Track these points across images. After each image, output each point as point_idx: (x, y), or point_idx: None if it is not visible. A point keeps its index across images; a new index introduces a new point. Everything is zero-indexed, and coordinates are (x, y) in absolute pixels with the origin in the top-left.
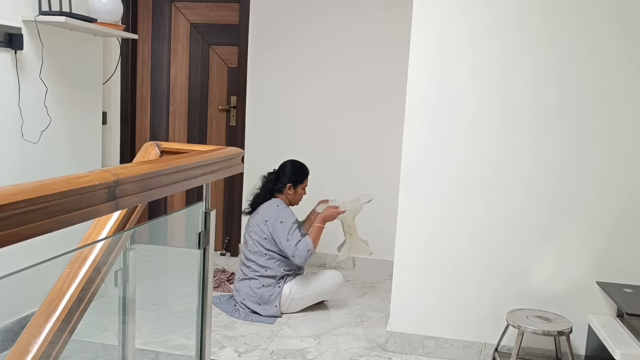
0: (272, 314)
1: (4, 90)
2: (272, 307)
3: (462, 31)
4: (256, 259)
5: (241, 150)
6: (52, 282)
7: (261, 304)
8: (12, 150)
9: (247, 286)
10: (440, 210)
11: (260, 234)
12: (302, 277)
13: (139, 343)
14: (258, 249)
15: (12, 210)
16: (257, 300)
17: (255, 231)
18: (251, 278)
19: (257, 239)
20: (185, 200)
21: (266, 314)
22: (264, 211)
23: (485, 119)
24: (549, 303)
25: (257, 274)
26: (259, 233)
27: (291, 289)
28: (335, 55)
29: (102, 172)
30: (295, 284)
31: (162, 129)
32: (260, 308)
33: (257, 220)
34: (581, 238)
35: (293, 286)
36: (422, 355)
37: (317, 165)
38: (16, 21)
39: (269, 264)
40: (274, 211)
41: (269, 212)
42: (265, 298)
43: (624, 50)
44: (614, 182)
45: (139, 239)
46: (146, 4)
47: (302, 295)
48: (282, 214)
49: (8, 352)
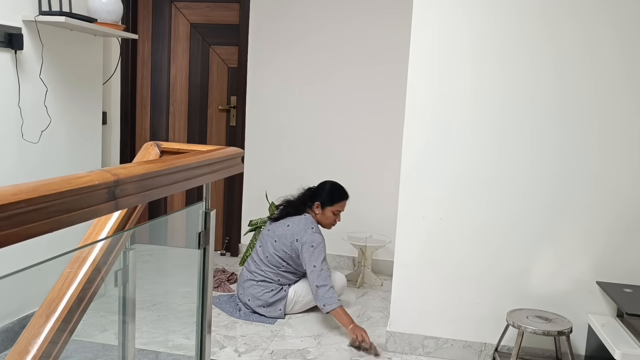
0: (276, 316)
1: (4, 90)
2: (276, 310)
3: (463, 31)
4: (272, 270)
5: (241, 150)
6: (52, 282)
7: (265, 306)
8: (12, 150)
9: (253, 288)
10: (440, 210)
11: (285, 249)
12: (306, 280)
13: (139, 343)
14: (277, 262)
15: (12, 210)
16: (262, 303)
17: (283, 244)
18: (259, 281)
19: (280, 254)
20: (185, 200)
21: (269, 316)
22: (296, 227)
23: (485, 119)
24: (549, 303)
25: (266, 281)
26: (284, 249)
27: (296, 292)
28: (335, 55)
29: (102, 172)
30: (300, 287)
31: (162, 129)
32: (265, 310)
33: (287, 233)
34: (581, 238)
35: (298, 289)
36: (422, 355)
37: (317, 165)
38: (16, 21)
39: (282, 275)
40: (308, 233)
41: (300, 231)
42: (270, 302)
43: (624, 51)
44: (614, 182)
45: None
46: (146, 4)
47: (307, 298)
48: (315, 238)
49: (8, 352)
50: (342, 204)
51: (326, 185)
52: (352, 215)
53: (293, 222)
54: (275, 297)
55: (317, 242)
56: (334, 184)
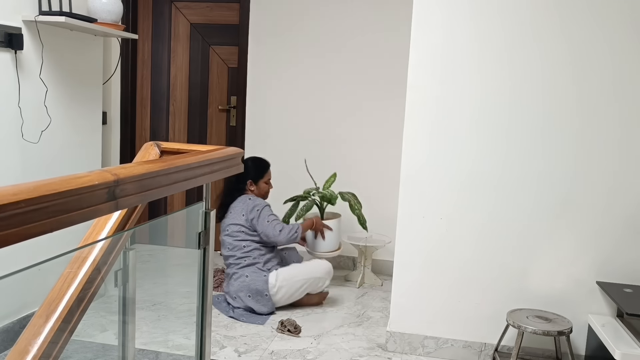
0: (267, 310)
1: (4, 90)
2: (263, 297)
3: (466, 26)
4: (235, 253)
5: (241, 150)
6: (52, 282)
7: (252, 295)
8: (12, 150)
9: (234, 282)
10: (440, 210)
11: (236, 229)
12: (289, 266)
13: (139, 343)
14: (236, 244)
15: (12, 210)
16: (248, 292)
17: (232, 229)
18: (234, 273)
19: (234, 235)
20: (185, 200)
21: (260, 311)
22: (238, 208)
23: (485, 119)
24: (549, 303)
25: (237, 266)
26: (235, 229)
27: (277, 277)
28: (335, 55)
29: (102, 172)
30: (282, 272)
31: (162, 129)
32: (254, 302)
33: (232, 219)
34: (581, 238)
35: (280, 274)
36: (422, 355)
37: (317, 165)
38: (16, 21)
39: (247, 254)
40: (248, 203)
41: (243, 206)
42: (253, 288)
43: (630, 49)
44: (615, 182)
45: (139, 239)
46: (146, 4)
47: (290, 282)
48: (256, 202)
49: (8, 352)
50: (269, 172)
51: (248, 162)
52: (352, 215)
53: (233, 207)
54: (256, 280)
55: (260, 205)
56: (254, 159)
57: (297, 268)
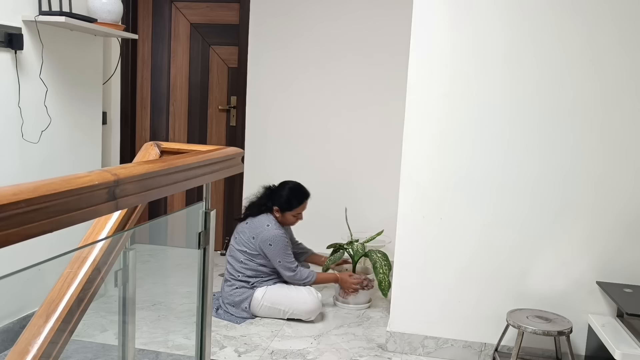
0: (243, 317)
1: (4, 90)
2: (240, 310)
3: (466, 26)
4: (233, 264)
5: (241, 150)
6: (52, 282)
7: (233, 305)
8: (12, 150)
9: (227, 286)
10: (440, 210)
11: (244, 244)
12: (280, 286)
13: (139, 343)
14: (236, 255)
15: (12, 210)
16: (230, 302)
17: (242, 239)
18: (227, 280)
19: (239, 248)
20: (185, 200)
21: (238, 315)
22: (254, 227)
23: (485, 119)
24: (549, 303)
25: (231, 276)
26: (244, 243)
27: (264, 295)
28: (335, 55)
29: (102, 172)
30: (270, 292)
31: (162, 129)
32: (233, 309)
33: (246, 230)
34: (581, 238)
35: (267, 293)
36: (422, 355)
37: (317, 165)
38: (16, 21)
39: (243, 271)
40: (264, 234)
41: (257, 230)
42: (236, 301)
43: (627, 52)
44: (615, 183)
45: (139, 239)
46: (146, 4)
47: (273, 306)
48: (271, 235)
49: (8, 352)
50: (302, 207)
51: (284, 189)
52: (353, 215)
53: (251, 221)
54: (240, 295)
55: (275, 239)
56: (292, 189)
57: (285, 296)
